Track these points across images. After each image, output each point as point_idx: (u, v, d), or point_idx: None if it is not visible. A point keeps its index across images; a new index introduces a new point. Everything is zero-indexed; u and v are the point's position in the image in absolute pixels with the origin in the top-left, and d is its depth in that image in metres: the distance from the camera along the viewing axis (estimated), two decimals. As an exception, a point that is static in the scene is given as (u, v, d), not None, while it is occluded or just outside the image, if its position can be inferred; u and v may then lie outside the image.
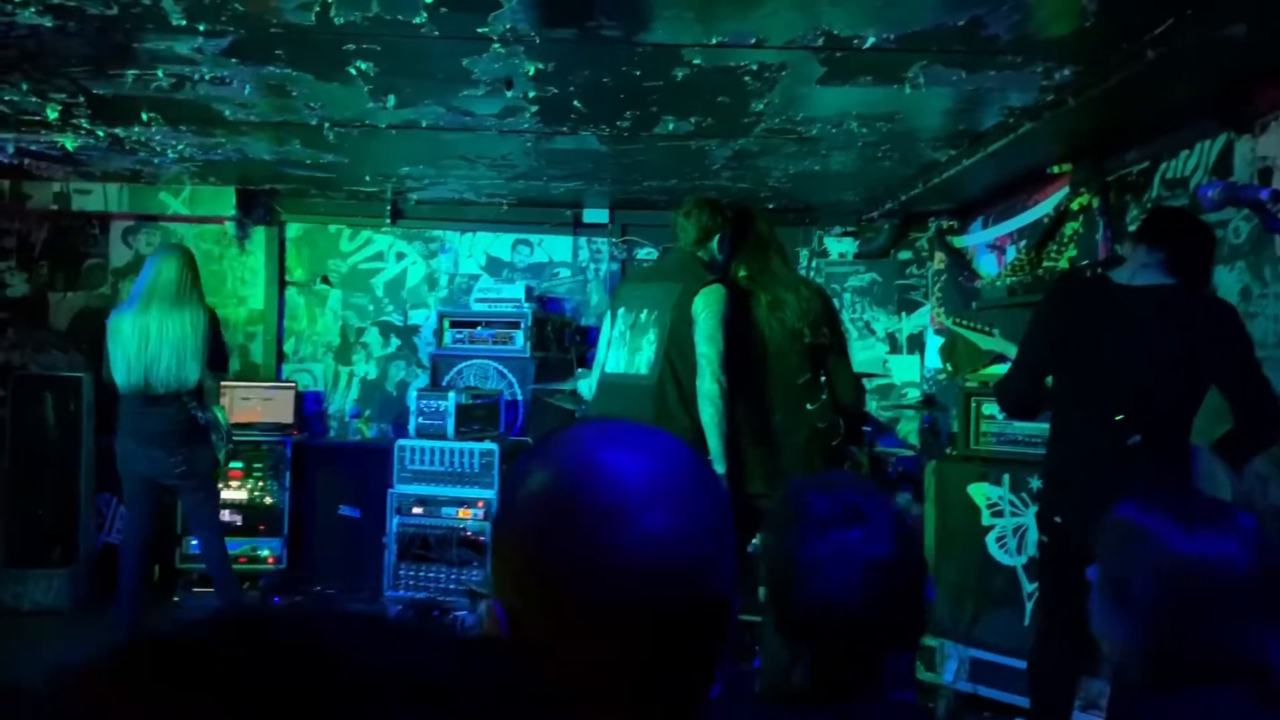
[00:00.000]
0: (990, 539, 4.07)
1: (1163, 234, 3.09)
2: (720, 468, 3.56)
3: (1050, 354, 3.15)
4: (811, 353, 3.70)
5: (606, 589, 0.74)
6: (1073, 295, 3.22)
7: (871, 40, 3.15)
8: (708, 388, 3.58)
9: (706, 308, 3.63)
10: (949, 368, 5.60)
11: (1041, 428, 3.90)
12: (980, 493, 4.09)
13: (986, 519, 4.09)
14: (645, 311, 3.81)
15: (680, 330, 3.66)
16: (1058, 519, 3.03)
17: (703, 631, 0.77)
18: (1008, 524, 4.05)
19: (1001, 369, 3.94)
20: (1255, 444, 2.94)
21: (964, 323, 4.01)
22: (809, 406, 3.62)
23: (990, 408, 4.06)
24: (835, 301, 4.70)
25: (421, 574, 5.39)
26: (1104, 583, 1.46)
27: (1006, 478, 4.03)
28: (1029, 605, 3.96)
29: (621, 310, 3.93)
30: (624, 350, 3.84)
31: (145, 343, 4.69)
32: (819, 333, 3.61)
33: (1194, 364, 2.90)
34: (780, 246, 3.87)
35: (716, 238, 3.87)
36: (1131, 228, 4.39)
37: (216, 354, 4.88)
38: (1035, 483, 3.82)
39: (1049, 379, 3.18)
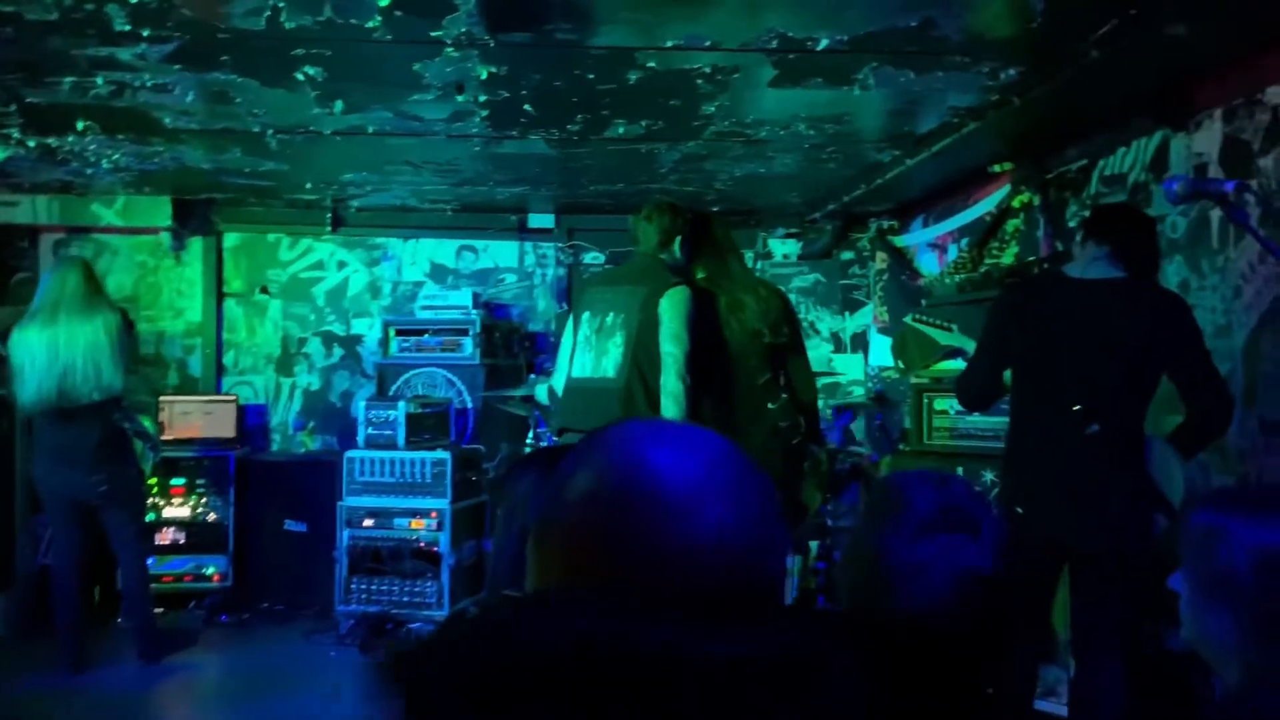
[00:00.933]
0: (945, 532, 4.13)
1: (1108, 228, 3.19)
2: None
3: (1008, 347, 3.22)
4: (771, 353, 3.73)
5: (671, 583, 0.75)
6: (1028, 290, 3.32)
7: (824, 43, 3.19)
8: (673, 385, 3.63)
9: (671, 308, 3.69)
10: (900, 365, 5.69)
11: (993, 422, 3.99)
12: (934, 487, 4.15)
13: (941, 513, 4.15)
14: (611, 315, 3.84)
15: (647, 333, 3.70)
16: (1019, 509, 3.09)
17: (757, 601, 0.79)
18: (962, 517, 4.12)
19: (954, 364, 4.02)
20: (1208, 433, 3.04)
21: (922, 319, 4.08)
22: (770, 406, 3.64)
23: (942, 403, 4.13)
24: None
25: (374, 587, 5.31)
26: (1199, 586, 1.46)
27: (960, 471, 4.10)
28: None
29: (586, 314, 3.95)
30: (590, 354, 3.87)
31: (56, 353, 4.54)
32: (779, 332, 3.64)
33: (1146, 354, 2.99)
34: (737, 249, 3.91)
35: (677, 240, 3.91)
36: (1071, 224, 4.51)
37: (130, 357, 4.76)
38: (989, 476, 3.89)
39: (1007, 372, 3.24)
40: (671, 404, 3.64)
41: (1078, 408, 2.97)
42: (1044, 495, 3.06)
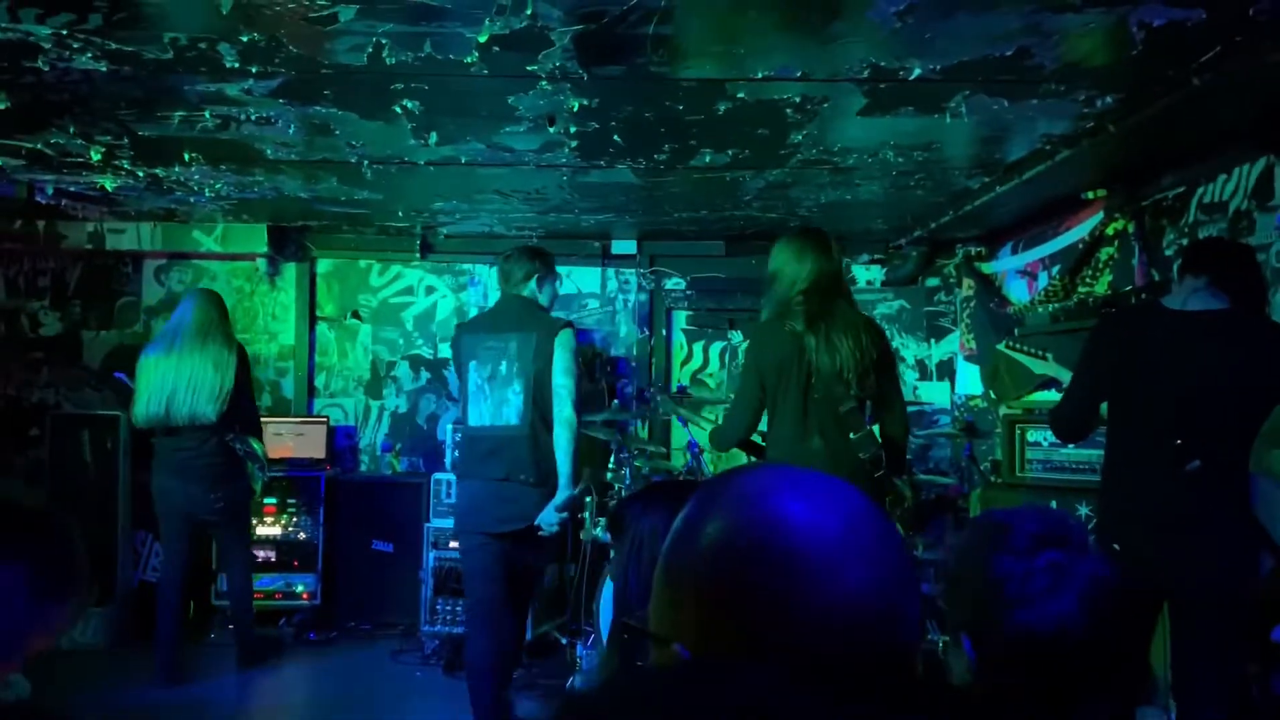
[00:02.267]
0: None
1: (1207, 259, 3.15)
2: (568, 491, 3.97)
3: (1105, 378, 3.16)
4: (860, 390, 3.65)
5: (807, 641, 0.75)
6: (1127, 320, 3.28)
7: (917, 72, 3.18)
8: (567, 414, 3.98)
9: (561, 346, 4.03)
10: (992, 394, 5.60)
11: (1088, 454, 3.90)
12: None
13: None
14: (505, 364, 4.07)
15: (544, 379, 4.00)
16: (1116, 546, 3.01)
17: (895, 677, 0.78)
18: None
19: (1048, 395, 3.94)
20: None
21: (1016, 347, 4.01)
22: (852, 436, 3.58)
23: (1035, 434, 4.05)
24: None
25: (459, 609, 5.37)
26: None
27: (1054, 504, 4.02)
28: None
29: (473, 364, 4.13)
30: (487, 403, 4.08)
31: (165, 379, 4.91)
32: (865, 384, 3.57)
33: (1250, 387, 2.91)
34: (846, 289, 3.74)
35: (534, 279, 4.22)
36: (1168, 252, 4.41)
37: (242, 391, 5.07)
38: (1084, 510, 3.80)
39: (1103, 405, 3.18)
40: (564, 430, 3.96)
41: (1179, 442, 2.90)
42: (1141, 531, 3.00)
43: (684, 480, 4.52)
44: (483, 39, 2.94)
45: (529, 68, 3.19)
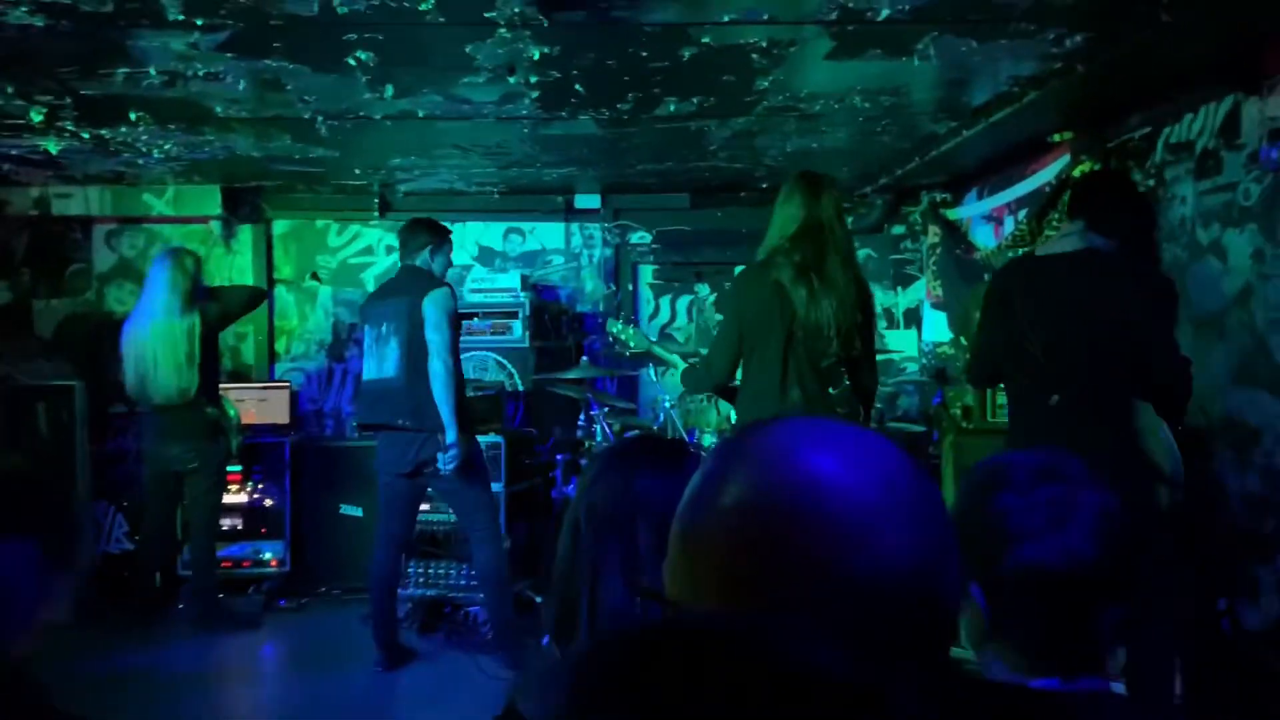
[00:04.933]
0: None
1: (1079, 204, 3.33)
2: (453, 434, 4.38)
3: (996, 333, 3.34)
4: (842, 349, 3.59)
5: (842, 607, 0.69)
6: (1005, 272, 3.47)
7: (886, 12, 3.11)
8: (438, 367, 4.40)
9: (433, 305, 4.44)
10: (963, 340, 5.60)
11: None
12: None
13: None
14: (386, 325, 4.56)
15: (415, 335, 4.43)
16: None
17: (932, 639, 0.73)
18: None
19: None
20: (1167, 405, 3.14)
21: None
22: (831, 391, 3.54)
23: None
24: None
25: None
26: None
27: (1025, 449, 4.02)
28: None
29: (367, 327, 4.69)
30: (374, 360, 4.61)
31: (141, 353, 5.01)
32: (848, 345, 3.52)
33: (1111, 320, 3.08)
34: (841, 239, 3.55)
35: (427, 250, 4.65)
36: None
37: (208, 355, 5.14)
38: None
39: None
40: (437, 381, 4.39)
41: (1047, 379, 3.12)
42: None
43: (638, 438, 4.48)
44: (438, -16, 2.84)
45: (487, 14, 3.09)
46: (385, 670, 4.67)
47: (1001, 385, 4.18)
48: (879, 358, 6.28)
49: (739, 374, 3.64)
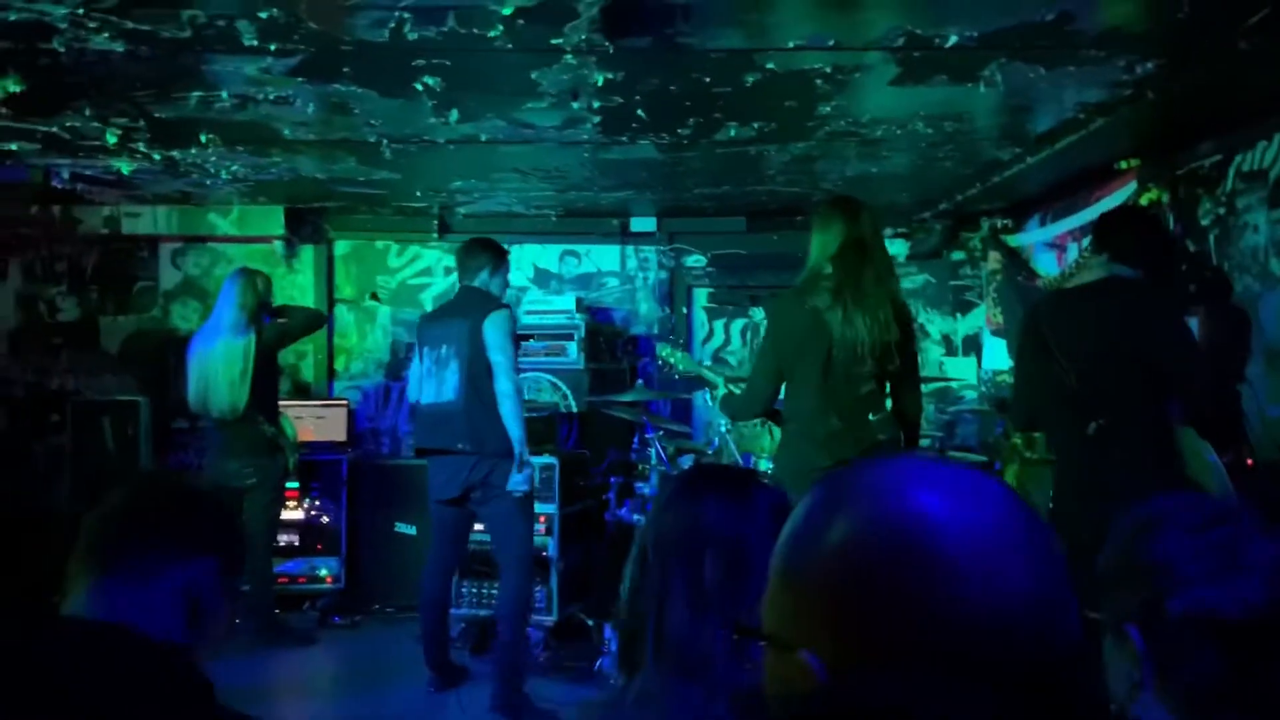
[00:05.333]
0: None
1: (1102, 237, 3.41)
2: (525, 453, 4.36)
3: (1030, 367, 3.43)
4: (879, 368, 3.57)
5: (957, 649, 0.68)
6: (1036, 310, 3.53)
7: (953, 39, 3.09)
8: (504, 387, 4.32)
9: (494, 327, 4.36)
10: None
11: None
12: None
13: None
14: (445, 347, 4.48)
15: (476, 358, 4.35)
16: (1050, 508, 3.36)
17: (1056, 689, 0.71)
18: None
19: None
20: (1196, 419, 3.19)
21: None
22: (871, 418, 3.51)
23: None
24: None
25: (484, 591, 5.33)
26: None
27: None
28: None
29: (425, 348, 4.61)
30: (433, 382, 4.52)
31: (203, 369, 5.12)
32: (887, 363, 3.50)
33: (1135, 347, 3.12)
34: (881, 261, 3.55)
35: (486, 270, 4.54)
36: (1204, 221, 4.31)
37: (267, 373, 5.26)
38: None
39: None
40: (506, 401, 4.32)
41: (1084, 408, 3.17)
42: (1070, 493, 3.29)
43: (713, 466, 4.47)
44: (507, 11, 2.87)
45: (553, 41, 3.12)
46: (437, 691, 4.64)
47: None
48: (937, 385, 6.28)
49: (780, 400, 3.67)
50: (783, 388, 3.63)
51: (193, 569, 1.49)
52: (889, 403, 3.59)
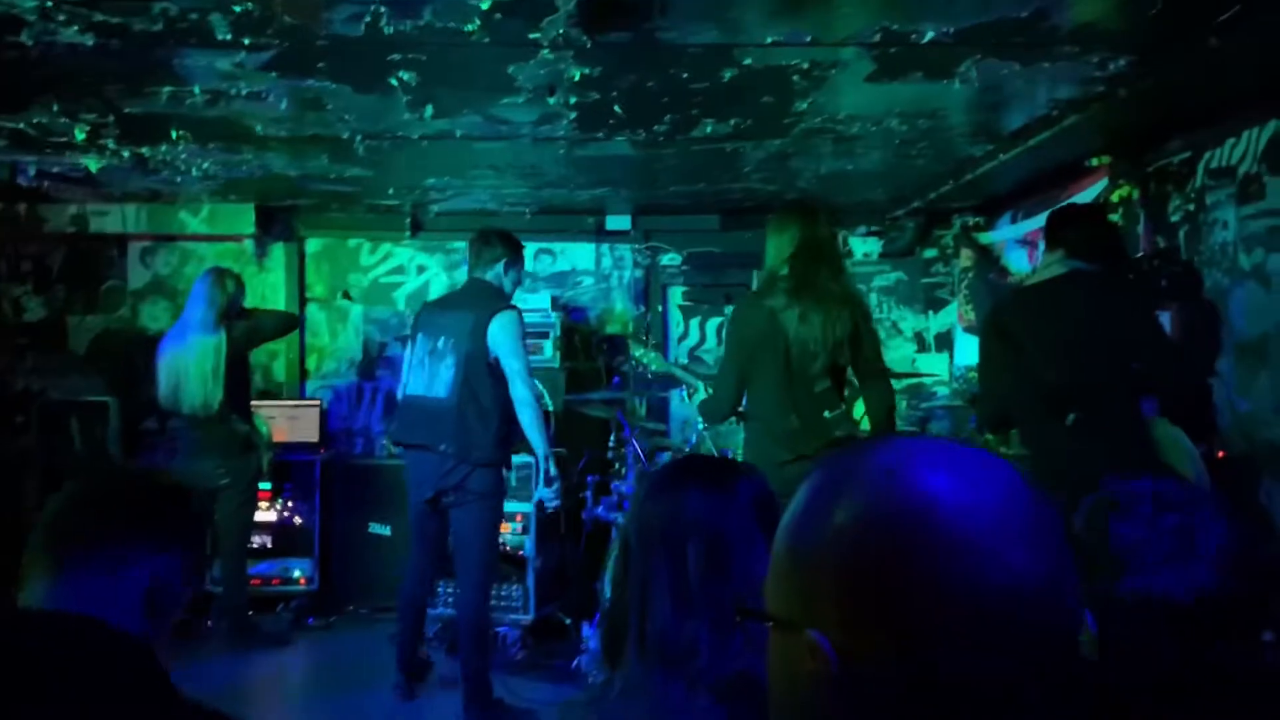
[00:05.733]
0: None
1: (1056, 233, 3.56)
2: (551, 463, 4.27)
3: (997, 366, 3.51)
4: (833, 364, 3.67)
5: (963, 628, 0.69)
6: (996, 310, 3.67)
7: (930, 35, 3.10)
8: (522, 394, 4.15)
9: (503, 331, 4.16)
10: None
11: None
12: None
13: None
14: (442, 339, 4.26)
15: (475, 355, 4.13)
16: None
17: (1054, 666, 0.71)
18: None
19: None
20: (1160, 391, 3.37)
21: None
22: (826, 415, 3.60)
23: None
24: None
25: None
26: None
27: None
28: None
29: (420, 336, 4.37)
30: (423, 374, 4.30)
31: (174, 368, 5.10)
32: (841, 359, 3.59)
33: (1108, 337, 3.21)
34: (834, 259, 3.72)
35: (501, 263, 4.33)
36: (1174, 218, 4.36)
37: (238, 372, 5.23)
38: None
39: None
40: (525, 410, 4.15)
41: (1060, 397, 3.24)
42: (1046, 484, 3.22)
43: (695, 458, 4.49)
44: (485, 5, 2.85)
45: (531, 35, 3.10)
46: (403, 692, 4.53)
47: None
48: (910, 381, 6.31)
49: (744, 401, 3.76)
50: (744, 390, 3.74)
51: (156, 561, 1.48)
52: (844, 404, 3.71)
